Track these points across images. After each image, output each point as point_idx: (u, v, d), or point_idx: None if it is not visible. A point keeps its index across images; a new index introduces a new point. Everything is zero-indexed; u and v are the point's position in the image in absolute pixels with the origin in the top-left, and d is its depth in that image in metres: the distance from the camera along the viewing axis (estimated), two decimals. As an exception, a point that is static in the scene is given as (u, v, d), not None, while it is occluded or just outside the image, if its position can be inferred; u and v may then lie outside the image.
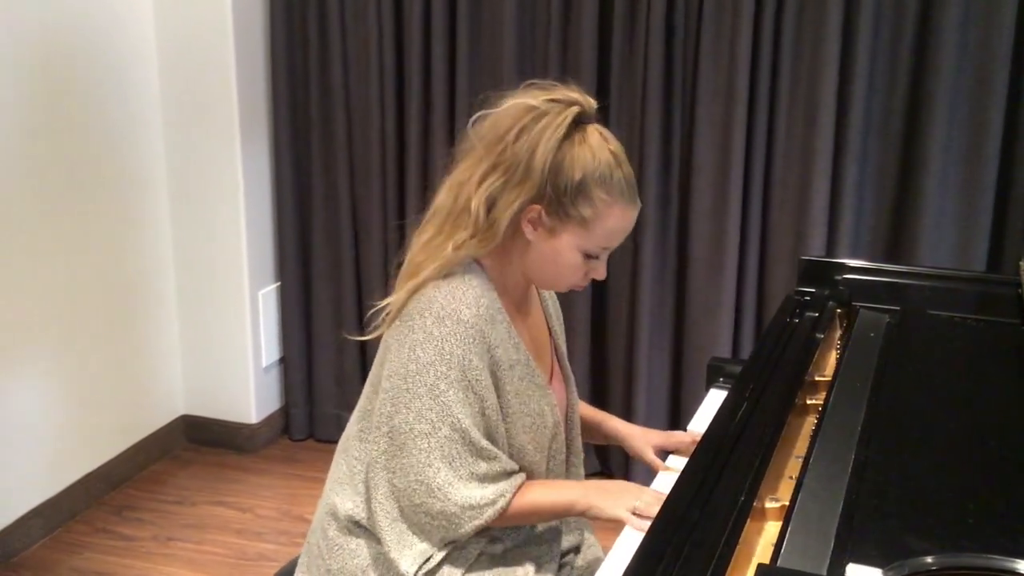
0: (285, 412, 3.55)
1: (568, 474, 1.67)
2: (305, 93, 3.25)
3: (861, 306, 1.81)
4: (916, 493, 1.13)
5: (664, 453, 1.73)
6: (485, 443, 1.44)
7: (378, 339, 1.52)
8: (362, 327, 1.57)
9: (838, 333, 1.81)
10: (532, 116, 1.43)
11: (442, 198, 1.49)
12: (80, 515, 3.02)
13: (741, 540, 1.12)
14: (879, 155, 2.80)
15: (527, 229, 1.46)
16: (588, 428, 1.79)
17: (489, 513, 1.43)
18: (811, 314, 1.77)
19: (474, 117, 1.50)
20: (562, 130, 1.42)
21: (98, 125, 2.97)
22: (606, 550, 1.48)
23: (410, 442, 1.42)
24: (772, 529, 1.22)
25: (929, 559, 0.93)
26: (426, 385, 1.40)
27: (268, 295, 3.40)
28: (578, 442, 1.70)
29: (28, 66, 2.71)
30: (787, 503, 1.17)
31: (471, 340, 1.41)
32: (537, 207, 1.43)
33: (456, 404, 1.41)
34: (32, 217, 2.77)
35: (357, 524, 1.53)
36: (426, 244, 1.48)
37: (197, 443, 3.48)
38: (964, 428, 1.31)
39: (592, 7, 2.87)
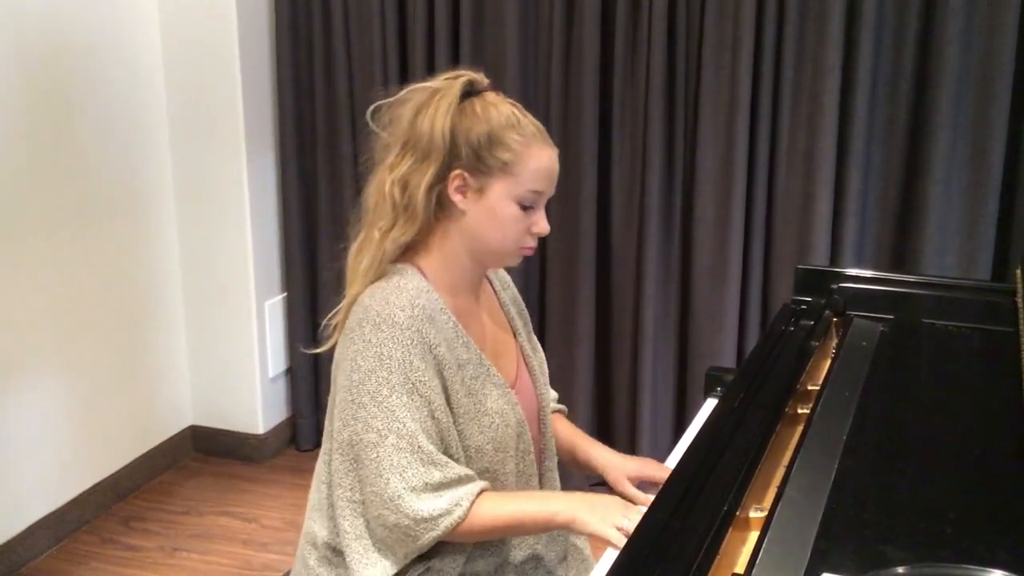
0: (292, 422, 3.56)
1: (542, 478, 1.62)
2: (311, 105, 3.27)
3: (856, 315, 1.81)
4: (896, 503, 1.12)
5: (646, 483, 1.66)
6: (432, 448, 1.40)
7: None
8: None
9: (834, 342, 1.80)
10: (428, 94, 1.47)
11: (366, 198, 1.53)
12: (87, 525, 3.04)
13: (723, 550, 1.11)
14: (882, 163, 2.79)
15: (457, 198, 1.46)
16: (563, 452, 1.72)
17: (445, 523, 1.39)
18: (806, 323, 1.77)
19: (371, 108, 1.53)
20: (455, 98, 1.45)
21: (105, 138, 3.00)
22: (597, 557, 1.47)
23: (362, 454, 1.40)
24: (756, 539, 1.22)
25: (901, 569, 0.92)
26: (369, 393, 1.39)
27: (274, 306, 3.42)
28: (551, 444, 1.66)
29: (36, 82, 2.74)
30: (770, 513, 1.17)
31: (409, 342, 1.40)
32: (458, 171, 1.45)
33: (401, 409, 1.39)
34: (40, 230, 2.80)
35: (336, 551, 1.51)
36: (360, 245, 1.52)
37: (204, 453, 3.49)
38: (950, 437, 1.31)
39: (594, 18, 2.88)
